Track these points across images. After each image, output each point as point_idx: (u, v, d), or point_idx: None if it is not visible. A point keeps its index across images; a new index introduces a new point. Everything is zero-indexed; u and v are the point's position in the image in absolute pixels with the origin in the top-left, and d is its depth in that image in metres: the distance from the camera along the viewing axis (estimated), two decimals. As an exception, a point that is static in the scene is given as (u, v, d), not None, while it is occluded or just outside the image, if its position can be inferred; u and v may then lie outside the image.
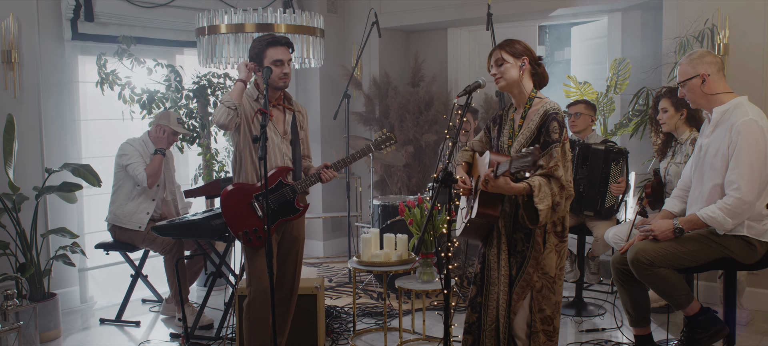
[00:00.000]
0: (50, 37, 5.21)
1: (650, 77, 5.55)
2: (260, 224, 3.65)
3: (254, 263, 3.69)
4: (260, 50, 3.64)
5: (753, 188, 3.28)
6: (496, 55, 3.18)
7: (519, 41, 3.19)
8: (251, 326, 3.70)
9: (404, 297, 5.09)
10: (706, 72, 3.41)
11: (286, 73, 3.65)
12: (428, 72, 7.12)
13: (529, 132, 3.11)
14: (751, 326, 4.65)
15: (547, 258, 3.08)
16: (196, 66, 5.65)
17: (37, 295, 4.65)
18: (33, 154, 5.11)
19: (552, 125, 3.03)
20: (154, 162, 4.92)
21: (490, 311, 3.22)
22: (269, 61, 3.61)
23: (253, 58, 3.66)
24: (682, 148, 4.29)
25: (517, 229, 3.12)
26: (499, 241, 3.18)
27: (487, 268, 3.24)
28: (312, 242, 7.35)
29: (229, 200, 3.68)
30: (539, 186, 2.93)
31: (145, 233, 4.91)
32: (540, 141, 3.05)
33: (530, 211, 2.96)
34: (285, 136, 3.79)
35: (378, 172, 6.86)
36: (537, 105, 3.14)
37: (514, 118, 3.23)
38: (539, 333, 3.09)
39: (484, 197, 3.05)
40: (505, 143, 3.20)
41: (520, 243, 3.11)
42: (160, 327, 4.99)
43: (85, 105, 5.54)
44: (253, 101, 3.70)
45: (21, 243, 4.61)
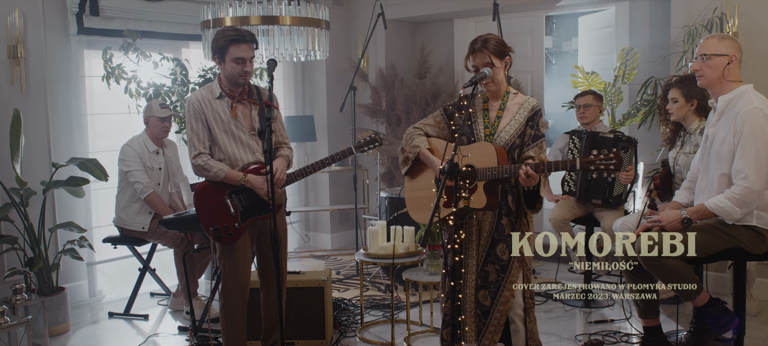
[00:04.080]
0: (56, 31, 5.21)
1: (658, 67, 5.50)
2: (231, 221, 3.61)
3: (230, 260, 3.65)
4: (223, 45, 3.54)
5: (761, 177, 3.25)
6: (483, 58, 3.20)
7: (496, 37, 3.26)
8: (227, 316, 3.67)
9: (412, 289, 5.08)
10: (734, 55, 3.38)
11: (247, 71, 3.59)
12: (435, 63, 7.09)
13: (517, 124, 3.23)
14: (760, 316, 4.62)
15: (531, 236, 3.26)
16: (201, 59, 5.65)
17: (45, 289, 4.67)
18: (40, 149, 5.12)
19: (540, 121, 3.24)
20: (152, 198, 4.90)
21: (469, 298, 3.30)
22: (231, 58, 3.53)
23: (216, 51, 3.58)
24: (691, 138, 4.25)
25: (503, 214, 3.25)
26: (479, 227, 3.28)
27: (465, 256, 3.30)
28: (319, 234, 7.35)
29: (203, 194, 3.65)
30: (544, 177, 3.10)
31: (152, 229, 4.92)
32: (528, 134, 3.21)
33: (532, 199, 3.17)
34: (252, 132, 3.69)
35: (385, 164, 6.85)
36: (515, 98, 3.30)
37: (488, 109, 3.31)
38: (531, 309, 3.29)
39: (489, 186, 3.15)
40: (482, 133, 3.28)
41: (509, 227, 3.24)
42: (168, 320, 5.00)
43: (91, 99, 5.54)
44: (215, 100, 3.62)
45: (29, 238, 4.62)
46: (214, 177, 3.59)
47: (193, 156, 3.61)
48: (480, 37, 3.25)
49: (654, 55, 5.66)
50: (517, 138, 3.22)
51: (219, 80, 3.66)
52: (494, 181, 3.15)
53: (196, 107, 3.60)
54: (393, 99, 6.86)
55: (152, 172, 4.99)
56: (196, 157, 3.59)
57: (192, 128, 3.61)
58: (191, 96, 3.65)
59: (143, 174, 4.91)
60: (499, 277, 3.24)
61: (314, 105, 7.25)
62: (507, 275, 3.23)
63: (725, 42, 3.41)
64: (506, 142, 3.21)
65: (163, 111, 5.03)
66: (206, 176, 3.62)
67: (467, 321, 3.30)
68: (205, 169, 3.59)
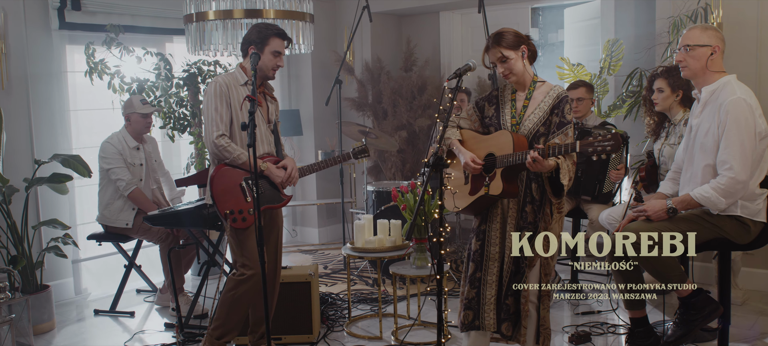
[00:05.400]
0: (37, 26, 5.15)
1: (644, 58, 5.51)
2: (246, 207, 3.62)
3: (247, 244, 3.64)
4: (266, 36, 3.63)
5: (745, 167, 3.27)
6: (495, 53, 3.26)
7: (509, 30, 3.28)
8: (234, 303, 3.64)
9: (399, 283, 5.08)
10: (717, 46, 3.38)
11: (280, 65, 3.71)
12: (421, 56, 7.07)
13: (541, 112, 3.26)
14: (746, 305, 4.64)
15: (554, 227, 3.28)
16: (185, 54, 5.60)
17: (29, 287, 4.62)
18: (22, 146, 5.07)
19: (566, 107, 3.23)
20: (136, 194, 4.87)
21: (490, 286, 3.35)
22: (271, 50, 3.63)
23: (255, 42, 3.63)
24: (676, 129, 4.25)
25: (527, 202, 3.27)
26: (504, 216, 3.32)
27: (487, 243, 3.36)
28: (307, 228, 7.33)
29: (221, 176, 3.65)
30: (563, 163, 3.13)
31: (136, 225, 4.88)
32: (553, 121, 3.23)
33: (556, 185, 3.19)
34: (269, 125, 3.79)
35: (372, 157, 6.83)
36: (541, 87, 3.32)
37: (515, 99, 3.35)
38: (545, 297, 3.33)
39: (507, 173, 3.21)
40: (509, 122, 3.33)
41: (532, 215, 3.26)
42: (154, 317, 4.97)
43: (74, 95, 5.48)
44: (240, 86, 3.67)
45: (12, 235, 4.58)
46: (234, 160, 3.61)
47: (216, 136, 3.57)
48: (494, 32, 3.30)
49: (639, 47, 5.67)
50: (541, 126, 3.25)
51: (242, 69, 3.71)
52: (511, 168, 3.19)
53: (223, 89, 3.62)
54: (379, 92, 6.84)
55: (133, 168, 4.95)
56: (219, 138, 3.57)
57: (216, 108, 3.60)
58: (217, 78, 3.66)
59: (125, 171, 4.86)
60: (523, 265, 3.30)
61: (300, 99, 7.22)
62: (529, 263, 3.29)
63: (708, 32, 3.42)
64: (529, 131, 3.26)
65: (144, 107, 4.98)
66: (225, 158, 3.61)
67: (487, 309, 3.35)
68: (227, 151, 3.59)
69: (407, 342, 4.21)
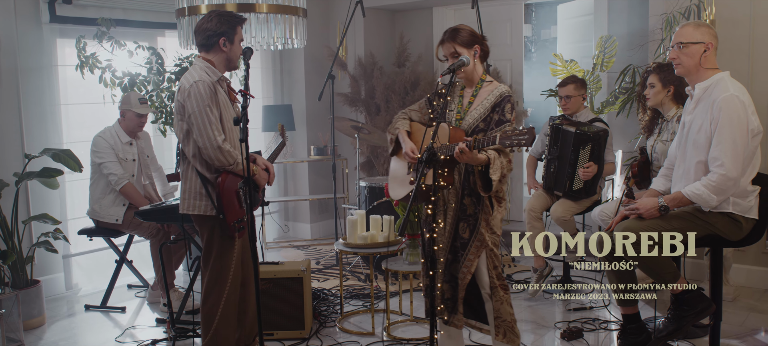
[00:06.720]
0: (27, 20, 5.11)
1: (637, 54, 5.52)
2: (242, 214, 3.46)
3: (225, 257, 3.48)
4: (234, 25, 3.46)
5: (737, 164, 3.27)
6: (449, 48, 3.35)
7: (466, 28, 3.36)
8: (220, 325, 3.48)
9: (391, 278, 5.07)
10: (710, 43, 3.39)
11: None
12: (414, 52, 7.06)
13: (482, 109, 3.33)
14: (737, 302, 4.66)
15: (495, 219, 3.34)
16: (177, 48, 5.56)
17: (19, 282, 4.59)
18: (12, 140, 5.03)
19: (507, 106, 3.30)
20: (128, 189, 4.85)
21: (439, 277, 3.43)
22: (240, 39, 3.49)
23: (224, 33, 3.43)
24: (669, 126, 4.26)
25: (466, 194, 3.35)
26: (446, 207, 3.40)
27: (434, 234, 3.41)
28: (299, 224, 7.31)
29: (230, 185, 3.42)
30: (495, 159, 3.18)
31: (127, 220, 4.86)
32: (493, 119, 3.30)
33: (485, 180, 3.22)
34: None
35: (364, 153, 6.82)
36: (488, 86, 3.38)
37: (462, 96, 3.43)
38: (498, 289, 3.34)
39: (446, 165, 3.26)
40: (454, 117, 3.40)
41: (471, 207, 3.34)
42: (146, 312, 4.95)
43: (65, 89, 5.44)
44: (214, 83, 3.43)
45: (2, 230, 4.55)
46: (234, 166, 3.42)
47: (220, 141, 3.35)
48: (451, 27, 3.38)
49: (632, 44, 5.68)
50: (480, 122, 3.31)
51: (212, 65, 3.47)
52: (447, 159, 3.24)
53: (211, 90, 3.37)
54: (372, 88, 6.82)
55: (126, 163, 4.92)
56: (224, 143, 3.37)
57: (210, 113, 3.35)
58: (199, 82, 3.36)
59: (117, 165, 4.84)
60: (459, 254, 3.38)
61: (292, 94, 7.20)
62: (465, 253, 3.35)
63: (701, 29, 3.42)
64: (470, 126, 3.33)
65: (142, 107, 4.95)
66: (226, 163, 3.39)
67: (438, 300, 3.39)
68: (230, 156, 3.38)
69: (399, 338, 4.21)
